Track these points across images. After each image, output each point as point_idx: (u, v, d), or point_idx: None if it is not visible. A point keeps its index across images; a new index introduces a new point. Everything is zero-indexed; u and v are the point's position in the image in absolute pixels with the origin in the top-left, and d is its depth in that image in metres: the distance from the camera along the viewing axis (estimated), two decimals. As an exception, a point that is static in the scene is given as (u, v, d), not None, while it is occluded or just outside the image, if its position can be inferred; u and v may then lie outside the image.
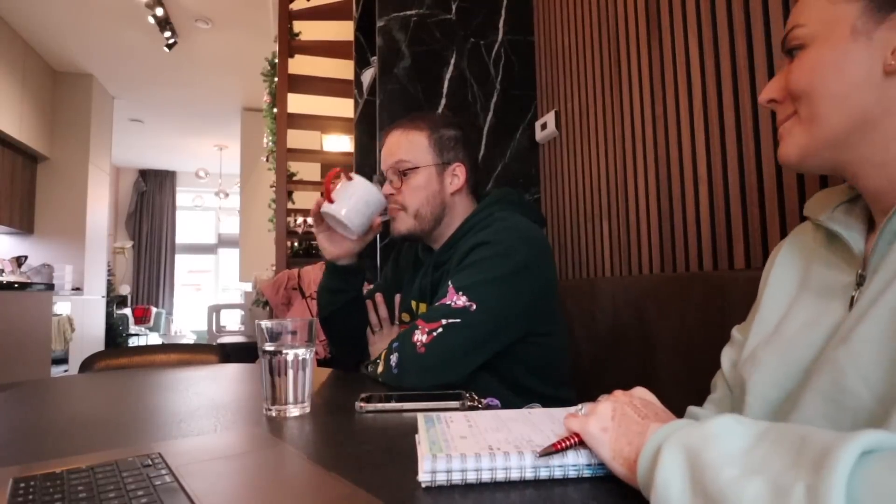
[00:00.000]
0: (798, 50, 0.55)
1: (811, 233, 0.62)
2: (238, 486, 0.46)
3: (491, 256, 0.95)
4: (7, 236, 5.15)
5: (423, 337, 0.89)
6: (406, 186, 1.08)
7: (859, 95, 0.51)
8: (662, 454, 0.38)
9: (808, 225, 0.62)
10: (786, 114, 0.57)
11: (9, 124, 4.54)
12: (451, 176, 1.11)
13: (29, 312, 3.61)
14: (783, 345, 0.56)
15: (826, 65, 0.52)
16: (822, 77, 0.52)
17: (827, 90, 0.52)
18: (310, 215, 0.97)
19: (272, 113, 3.84)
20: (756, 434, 0.36)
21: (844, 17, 0.52)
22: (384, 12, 1.82)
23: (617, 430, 0.45)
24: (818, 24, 0.53)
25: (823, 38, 0.53)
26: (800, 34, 0.55)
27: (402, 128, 1.11)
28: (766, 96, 0.59)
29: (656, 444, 0.40)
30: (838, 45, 0.52)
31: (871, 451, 0.30)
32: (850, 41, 0.51)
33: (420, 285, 1.14)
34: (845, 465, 0.29)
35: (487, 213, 1.06)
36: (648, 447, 0.41)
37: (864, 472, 0.29)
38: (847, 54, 0.51)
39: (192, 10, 4.42)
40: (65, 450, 0.58)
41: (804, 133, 0.54)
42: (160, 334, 7.76)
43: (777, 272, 0.62)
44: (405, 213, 1.09)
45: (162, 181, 8.61)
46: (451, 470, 0.44)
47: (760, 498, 0.31)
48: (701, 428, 0.39)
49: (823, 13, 0.53)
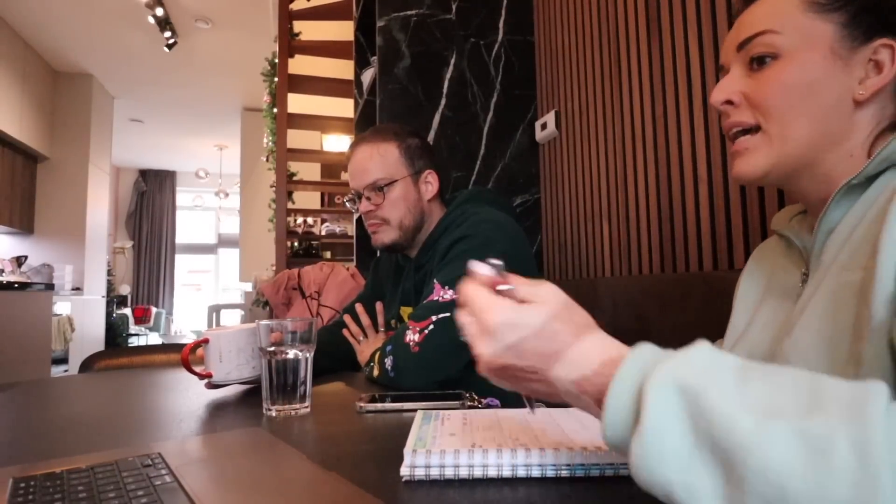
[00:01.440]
0: (770, 59, 0.52)
1: (775, 243, 0.65)
2: (238, 486, 0.46)
3: (471, 249, 0.97)
4: (7, 236, 5.15)
5: (416, 336, 0.90)
6: (386, 201, 1.09)
7: (829, 120, 0.51)
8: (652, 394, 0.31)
9: (774, 237, 0.66)
10: (742, 119, 0.55)
11: (9, 124, 4.54)
12: (425, 183, 1.14)
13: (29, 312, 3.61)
14: (746, 346, 0.59)
15: (802, 86, 0.51)
16: (798, 97, 0.51)
17: (802, 111, 0.51)
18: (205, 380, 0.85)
19: (272, 113, 3.84)
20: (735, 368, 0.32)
21: (822, 35, 0.51)
22: (384, 12, 1.82)
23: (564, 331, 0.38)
24: (795, 35, 0.51)
25: (801, 53, 0.51)
26: (774, 42, 0.52)
27: (370, 142, 1.12)
28: (721, 97, 0.55)
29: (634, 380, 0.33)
30: (816, 65, 0.51)
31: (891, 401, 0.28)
32: (829, 63, 0.51)
33: (404, 290, 1.15)
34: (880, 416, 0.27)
35: (461, 210, 1.08)
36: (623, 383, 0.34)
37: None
38: (825, 79, 0.51)
39: (192, 10, 4.42)
40: (65, 450, 0.58)
41: (773, 153, 0.53)
42: (160, 334, 7.75)
43: (745, 283, 0.66)
44: (388, 225, 1.11)
45: (162, 181, 8.61)
46: (430, 465, 0.45)
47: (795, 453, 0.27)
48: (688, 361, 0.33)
49: (800, 25, 0.51)
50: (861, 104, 0.51)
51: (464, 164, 1.82)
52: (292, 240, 3.47)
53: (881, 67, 0.50)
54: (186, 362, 0.85)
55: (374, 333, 1.17)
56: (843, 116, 0.51)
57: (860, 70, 0.51)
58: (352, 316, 1.20)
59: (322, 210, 3.99)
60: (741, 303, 0.65)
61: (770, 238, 0.68)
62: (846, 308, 0.46)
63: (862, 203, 0.49)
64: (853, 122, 0.51)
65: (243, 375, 0.86)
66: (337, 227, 3.66)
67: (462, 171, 1.82)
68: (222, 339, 0.85)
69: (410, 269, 1.15)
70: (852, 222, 0.49)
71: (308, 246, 3.62)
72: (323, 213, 3.89)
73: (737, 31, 0.56)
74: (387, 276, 1.26)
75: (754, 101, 0.53)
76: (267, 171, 4.79)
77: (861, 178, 0.48)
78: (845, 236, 0.49)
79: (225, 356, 0.85)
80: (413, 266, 1.14)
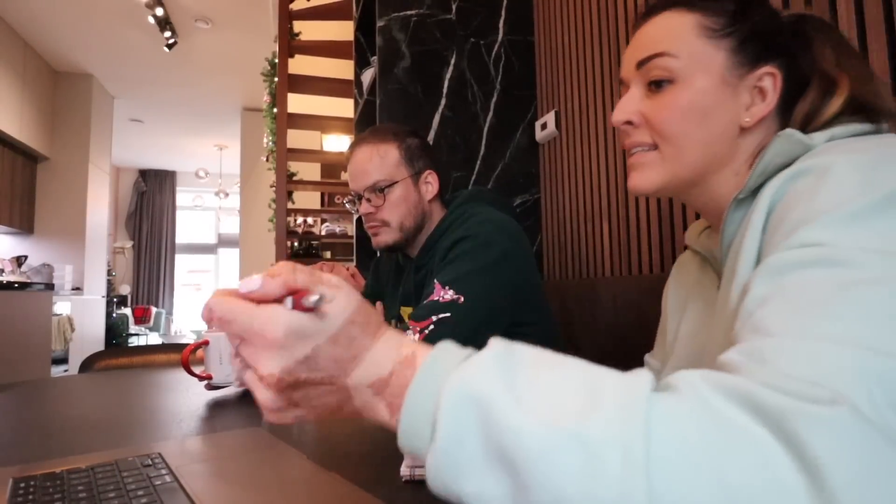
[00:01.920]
0: (666, 83, 0.55)
1: (690, 257, 0.68)
2: (238, 486, 0.46)
3: (472, 249, 0.97)
4: (7, 236, 5.15)
5: (416, 336, 0.90)
6: (387, 203, 1.09)
7: (719, 144, 0.54)
8: (446, 405, 0.30)
9: (689, 251, 0.69)
10: (640, 139, 0.57)
11: (9, 124, 4.54)
12: (425, 184, 1.13)
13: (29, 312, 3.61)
14: (674, 361, 0.62)
15: (698, 111, 0.54)
16: (693, 123, 0.54)
17: (696, 136, 0.54)
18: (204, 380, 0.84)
19: (272, 113, 3.84)
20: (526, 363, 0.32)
21: (713, 62, 0.54)
22: (384, 12, 1.82)
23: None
24: (690, 60, 0.54)
25: (695, 79, 0.54)
26: (669, 65, 0.54)
27: (369, 143, 1.11)
28: (622, 118, 0.58)
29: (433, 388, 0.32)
30: (709, 92, 0.54)
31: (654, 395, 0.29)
32: (720, 91, 0.53)
33: (404, 290, 1.15)
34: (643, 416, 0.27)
35: (461, 211, 1.08)
36: (416, 396, 0.32)
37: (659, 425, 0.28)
38: (716, 105, 0.54)
39: (192, 10, 4.42)
40: (65, 450, 0.58)
41: (666, 171, 0.56)
42: (160, 334, 7.75)
43: (669, 299, 0.69)
44: (389, 227, 1.10)
45: (162, 181, 8.61)
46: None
47: (572, 458, 0.27)
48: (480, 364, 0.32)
49: (695, 49, 0.54)
50: (746, 129, 0.54)
51: (464, 164, 1.82)
52: (292, 240, 3.47)
53: (765, 94, 0.53)
54: (186, 364, 0.85)
55: None
56: (731, 141, 0.54)
57: (747, 97, 0.54)
58: None
59: (322, 210, 3.99)
60: (669, 318, 0.68)
61: (686, 252, 0.70)
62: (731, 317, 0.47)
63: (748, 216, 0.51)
64: (739, 145, 0.54)
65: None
66: (337, 227, 3.66)
67: (462, 171, 1.82)
68: (222, 340, 0.85)
69: (411, 269, 1.15)
70: (741, 235, 0.51)
71: (308, 246, 3.62)
72: (323, 213, 3.89)
73: (635, 46, 0.58)
74: (387, 277, 1.26)
75: (652, 123, 0.56)
76: (267, 171, 4.79)
77: (746, 192, 0.50)
78: (736, 248, 0.51)
79: (225, 358, 0.85)
80: (413, 266, 1.14)
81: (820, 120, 0.51)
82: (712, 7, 0.55)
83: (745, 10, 0.55)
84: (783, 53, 0.54)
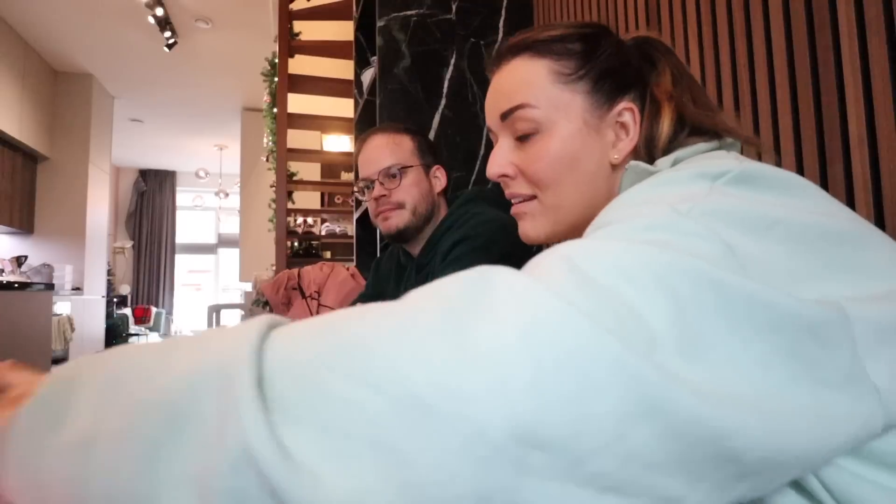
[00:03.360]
0: (532, 135, 0.55)
1: None
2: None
3: (473, 250, 0.98)
4: (7, 236, 5.15)
5: None
6: (401, 185, 1.11)
7: (594, 184, 0.55)
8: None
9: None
10: (519, 191, 0.59)
11: (9, 124, 4.54)
12: (434, 178, 1.16)
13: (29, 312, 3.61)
14: None
15: (567, 159, 0.54)
16: (565, 170, 0.55)
17: (569, 182, 0.55)
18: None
19: (272, 113, 3.84)
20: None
21: (573, 106, 0.54)
22: (384, 12, 1.82)
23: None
24: (550, 109, 0.54)
25: (557, 126, 0.54)
26: (532, 116, 0.55)
27: (384, 132, 1.15)
28: (497, 172, 0.59)
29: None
30: (575, 138, 0.54)
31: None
32: (585, 134, 0.54)
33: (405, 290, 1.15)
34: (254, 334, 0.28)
35: (463, 210, 1.09)
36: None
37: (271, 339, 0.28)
38: (583, 148, 0.54)
39: (192, 10, 4.42)
40: (65, 450, 0.58)
41: (550, 220, 0.58)
42: (160, 334, 7.75)
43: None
44: (404, 209, 1.11)
45: (162, 181, 8.61)
46: None
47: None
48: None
49: (553, 97, 0.54)
50: (616, 166, 0.55)
51: (464, 164, 1.82)
52: (292, 240, 3.47)
53: (627, 129, 0.55)
54: None
55: None
56: (604, 178, 0.55)
57: (611, 134, 0.55)
58: None
59: (322, 210, 3.99)
60: None
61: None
62: None
63: None
64: (613, 181, 0.55)
65: None
66: (337, 227, 3.66)
67: (462, 171, 1.82)
68: None
69: (412, 269, 1.15)
70: None
71: (308, 246, 3.62)
72: (323, 213, 3.89)
73: (494, 97, 0.59)
74: (388, 276, 1.26)
75: (526, 174, 0.57)
76: (267, 171, 4.79)
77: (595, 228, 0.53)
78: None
79: None
80: (415, 266, 1.14)
81: (659, 145, 0.52)
82: (559, 51, 0.55)
83: (593, 48, 0.55)
84: (636, 82, 0.56)
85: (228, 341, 0.28)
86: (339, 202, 4.12)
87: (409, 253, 1.19)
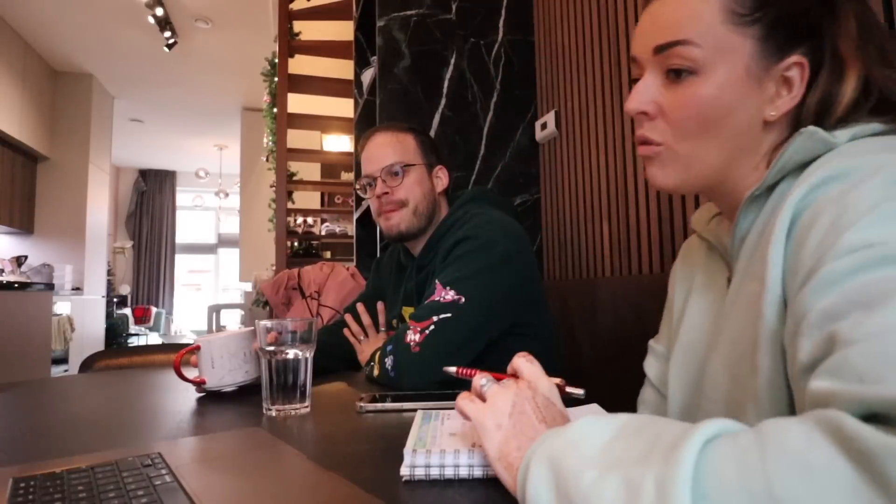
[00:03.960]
0: (687, 73, 0.50)
1: (697, 242, 0.66)
2: (238, 486, 0.46)
3: (474, 250, 0.97)
4: (7, 236, 5.15)
5: (416, 336, 0.90)
6: (404, 183, 1.11)
7: (740, 140, 0.51)
8: (531, 469, 0.37)
9: (695, 236, 0.67)
10: (651, 136, 0.54)
11: (9, 124, 4.54)
12: (436, 177, 1.16)
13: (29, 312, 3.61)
14: (681, 348, 0.61)
15: (721, 108, 0.50)
16: (714, 121, 0.50)
17: (715, 134, 0.51)
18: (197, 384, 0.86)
19: (272, 113, 3.84)
20: (615, 427, 0.37)
21: (739, 51, 0.49)
22: (384, 12, 1.82)
23: (510, 429, 0.42)
24: (714, 50, 0.49)
25: (718, 70, 0.49)
26: (692, 55, 0.50)
27: (388, 130, 1.15)
28: (636, 108, 0.53)
29: (528, 457, 0.39)
30: (735, 86, 0.49)
31: (714, 437, 0.32)
32: (744, 83, 0.50)
33: (406, 290, 1.16)
34: (690, 455, 0.30)
35: (464, 211, 1.09)
36: (524, 461, 0.39)
37: (707, 460, 0.30)
38: (741, 100, 0.50)
39: (192, 10, 4.42)
40: (65, 450, 0.58)
41: (681, 170, 0.53)
42: (160, 334, 7.75)
43: (676, 282, 0.67)
44: (406, 208, 1.11)
45: (162, 181, 8.61)
46: (430, 465, 0.45)
47: (617, 496, 0.32)
48: (563, 435, 0.38)
49: (719, 37, 0.49)
50: (770, 123, 0.50)
51: (464, 164, 1.82)
52: (292, 240, 3.47)
53: (791, 86, 0.49)
54: (178, 370, 0.85)
55: (375, 333, 1.17)
56: (753, 136, 0.51)
57: (772, 89, 0.50)
58: (353, 315, 1.20)
59: (322, 210, 4.00)
60: (675, 303, 0.66)
61: (692, 237, 0.67)
62: (749, 318, 0.47)
63: (764, 213, 0.50)
64: (761, 139, 0.51)
65: (237, 380, 0.86)
66: (337, 227, 3.66)
67: (462, 171, 1.82)
68: (213, 345, 0.85)
69: (413, 269, 1.15)
70: (756, 232, 0.50)
71: (308, 246, 3.62)
72: (323, 213, 3.90)
73: (652, 25, 0.53)
74: (388, 276, 1.26)
75: (669, 118, 0.52)
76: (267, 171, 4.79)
77: (762, 188, 0.49)
78: (751, 246, 0.50)
79: (217, 362, 0.85)
80: (416, 266, 1.14)
81: (836, 112, 0.47)
82: None
83: None
84: (812, 33, 0.49)
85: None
86: (339, 202, 4.12)
87: (410, 252, 1.19)
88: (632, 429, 0.37)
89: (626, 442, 0.35)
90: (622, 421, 0.38)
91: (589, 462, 0.35)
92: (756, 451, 0.29)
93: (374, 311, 1.20)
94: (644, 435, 0.35)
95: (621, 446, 0.35)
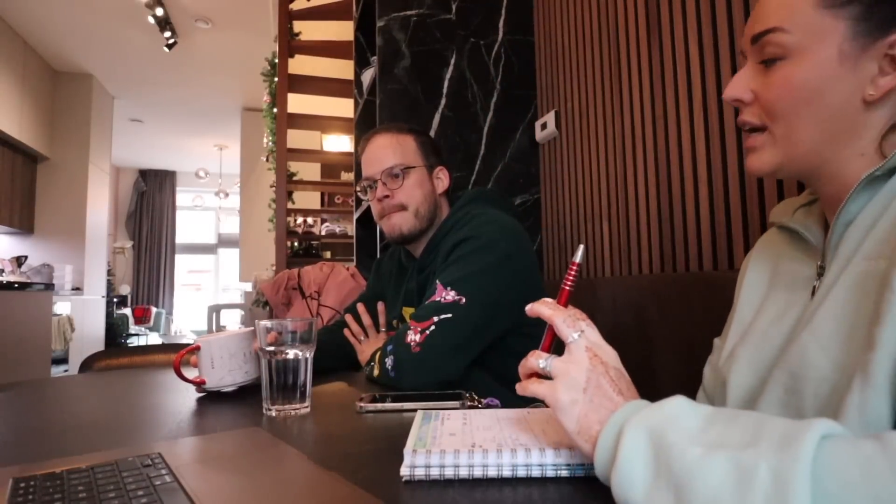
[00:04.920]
0: (778, 60, 0.52)
1: (776, 236, 0.65)
2: (238, 486, 0.46)
3: (474, 250, 0.97)
4: (7, 236, 5.15)
5: (417, 336, 0.90)
6: (404, 186, 1.11)
7: (836, 121, 0.51)
8: (625, 435, 0.39)
9: (774, 230, 0.66)
10: (750, 119, 0.55)
11: (9, 124, 4.54)
12: (437, 179, 1.16)
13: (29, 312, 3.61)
14: (756, 337, 0.59)
15: (811, 89, 0.50)
16: (805, 101, 0.51)
17: (808, 115, 0.51)
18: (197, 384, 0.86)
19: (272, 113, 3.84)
20: (706, 415, 0.38)
21: (832, 33, 0.49)
22: (384, 12, 1.82)
23: (588, 404, 0.44)
24: (804, 34, 0.50)
25: (808, 53, 0.50)
26: (783, 41, 0.51)
27: (388, 132, 1.15)
28: (733, 95, 0.56)
29: (618, 424, 0.40)
30: (825, 67, 0.50)
31: (828, 436, 0.32)
32: (837, 65, 0.49)
33: (406, 290, 1.16)
34: (809, 448, 0.31)
35: (464, 211, 1.09)
36: (609, 428, 0.41)
37: (825, 455, 0.31)
38: (833, 80, 0.50)
39: (192, 10, 4.42)
40: (65, 450, 0.58)
41: (779, 152, 0.54)
42: (160, 334, 7.75)
43: (750, 276, 0.66)
44: (406, 211, 1.11)
45: (162, 181, 8.61)
46: (430, 465, 0.45)
47: (727, 476, 0.33)
48: (660, 409, 0.40)
49: (809, 22, 0.50)
50: (871, 103, 0.49)
51: (464, 164, 1.82)
52: (292, 240, 3.47)
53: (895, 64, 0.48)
54: (178, 370, 0.85)
55: (376, 333, 1.17)
56: (851, 117, 0.50)
57: (872, 67, 0.49)
58: (353, 315, 1.20)
59: (322, 210, 3.99)
60: (747, 296, 0.65)
61: (770, 231, 0.67)
62: (868, 295, 0.46)
63: (884, 194, 0.49)
64: (862, 121, 0.50)
65: (236, 380, 0.86)
66: (337, 227, 3.66)
67: (462, 171, 1.82)
68: (213, 345, 0.85)
69: (413, 269, 1.15)
70: (873, 214, 0.49)
71: (308, 246, 3.62)
72: (323, 213, 3.89)
73: (754, 18, 0.55)
74: (389, 277, 1.26)
75: (762, 102, 0.54)
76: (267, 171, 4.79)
77: (884, 169, 0.48)
78: (866, 227, 0.49)
79: (217, 362, 0.85)
80: (416, 266, 1.14)
81: None
82: None
83: None
84: None
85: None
86: (339, 202, 4.12)
87: (411, 253, 1.18)
88: (724, 416, 0.38)
89: (723, 427, 0.36)
90: (709, 408, 0.39)
91: (693, 439, 0.36)
92: (884, 461, 0.30)
93: (374, 312, 1.20)
94: (741, 423, 0.36)
95: (717, 430, 0.36)
